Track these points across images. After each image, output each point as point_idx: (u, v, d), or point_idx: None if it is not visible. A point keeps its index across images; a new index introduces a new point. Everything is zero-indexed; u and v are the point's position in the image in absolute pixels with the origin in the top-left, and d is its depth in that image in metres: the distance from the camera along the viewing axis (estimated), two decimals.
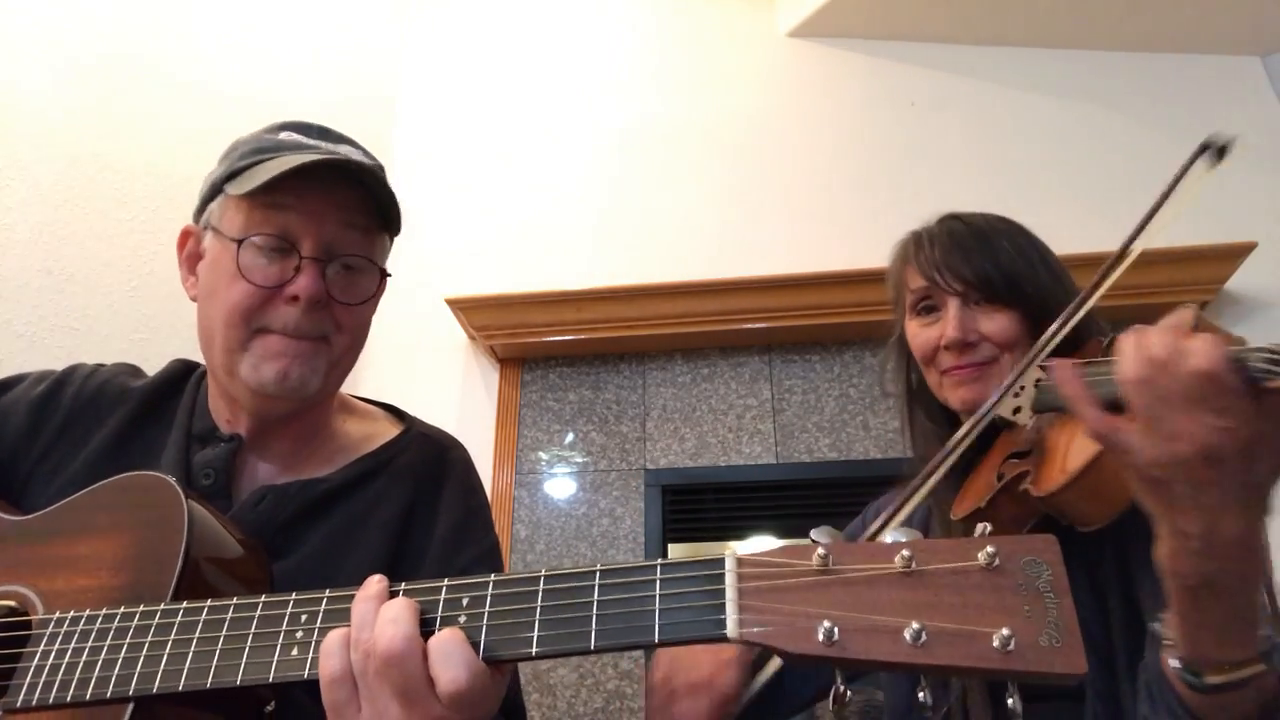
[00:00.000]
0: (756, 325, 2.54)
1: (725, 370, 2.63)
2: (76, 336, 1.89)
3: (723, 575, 0.53)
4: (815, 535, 0.51)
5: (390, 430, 1.04)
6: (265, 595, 0.66)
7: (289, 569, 0.85)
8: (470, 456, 1.08)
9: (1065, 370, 0.72)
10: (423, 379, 2.70)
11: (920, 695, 0.46)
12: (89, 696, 0.66)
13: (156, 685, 0.64)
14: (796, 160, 2.88)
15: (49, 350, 1.81)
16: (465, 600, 0.60)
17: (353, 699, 0.60)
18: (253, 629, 0.64)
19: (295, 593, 0.66)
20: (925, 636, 0.45)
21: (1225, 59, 2.80)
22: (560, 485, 2.56)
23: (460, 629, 0.58)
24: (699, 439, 2.55)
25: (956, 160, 2.77)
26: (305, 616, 0.64)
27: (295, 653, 0.62)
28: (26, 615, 0.75)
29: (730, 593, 0.52)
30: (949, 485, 1.00)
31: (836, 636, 0.47)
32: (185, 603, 0.68)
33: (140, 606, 0.69)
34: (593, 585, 0.57)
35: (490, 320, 2.60)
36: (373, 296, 0.96)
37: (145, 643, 0.66)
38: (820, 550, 0.50)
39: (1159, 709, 0.71)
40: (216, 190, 0.94)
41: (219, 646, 0.64)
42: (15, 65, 1.88)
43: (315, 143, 0.95)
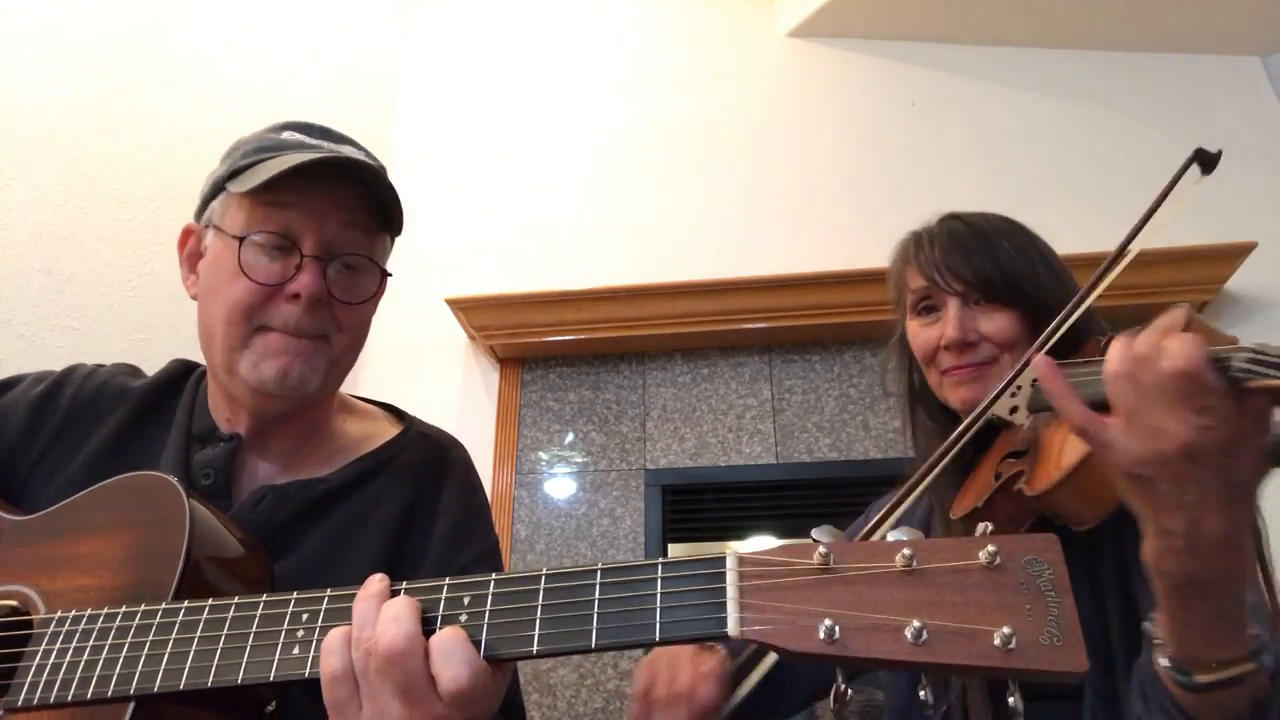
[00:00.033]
0: (756, 325, 2.54)
1: (725, 370, 2.63)
2: (76, 336, 1.89)
3: (724, 574, 0.53)
4: (816, 534, 0.51)
5: (390, 430, 1.04)
6: (266, 595, 0.66)
7: (288, 569, 0.85)
8: (470, 456, 1.08)
9: (1048, 367, 0.73)
10: (423, 379, 2.70)
11: (921, 694, 0.46)
12: (90, 696, 0.66)
13: (158, 684, 0.64)
14: (796, 160, 2.88)
15: (49, 350, 1.81)
16: (467, 599, 0.60)
17: (354, 697, 0.60)
18: (254, 628, 0.64)
19: (296, 592, 0.66)
20: (926, 635, 0.45)
21: (1225, 59, 2.79)
22: (560, 485, 2.56)
23: (462, 628, 0.58)
24: (699, 439, 2.55)
25: (956, 160, 2.78)
26: (306, 615, 0.64)
27: (296, 651, 0.63)
28: (28, 615, 0.75)
29: (731, 591, 0.52)
30: (951, 484, 1.00)
31: (837, 635, 0.47)
32: (186, 602, 0.68)
33: (141, 606, 0.69)
34: (594, 584, 0.57)
35: (490, 320, 2.60)
36: (373, 296, 0.96)
37: (146, 642, 0.66)
38: (821, 549, 0.50)
39: (1152, 708, 0.71)
40: (218, 188, 0.94)
41: (220, 646, 0.64)
42: (15, 65, 1.88)
43: (317, 142, 0.95)
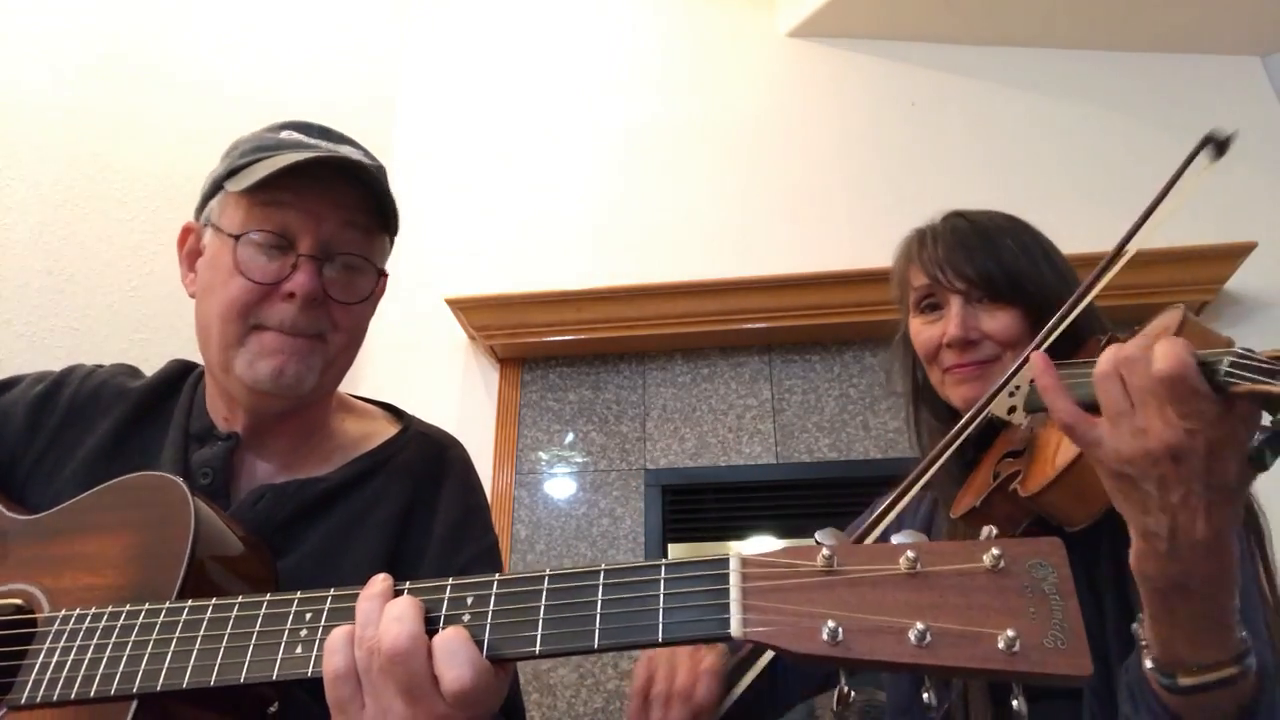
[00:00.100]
0: (756, 325, 2.54)
1: (725, 370, 2.63)
2: (76, 336, 1.89)
3: (727, 575, 0.52)
4: (820, 536, 0.51)
5: (389, 429, 1.04)
6: (270, 594, 0.66)
7: (288, 568, 0.85)
8: (469, 455, 1.08)
9: (1043, 365, 0.73)
10: (423, 379, 2.70)
11: (925, 696, 0.46)
12: (93, 694, 0.66)
13: (160, 683, 0.64)
14: (796, 160, 2.87)
15: (49, 350, 1.81)
16: (469, 599, 0.60)
17: (356, 696, 0.60)
18: (257, 627, 0.65)
19: (299, 592, 0.66)
20: (930, 637, 0.45)
21: (1225, 59, 2.80)
22: (560, 485, 2.56)
23: (464, 627, 0.58)
24: (699, 439, 2.55)
25: (956, 160, 2.77)
26: (310, 615, 0.64)
27: (299, 651, 0.63)
28: (32, 613, 0.75)
29: (734, 592, 0.51)
30: (954, 482, 1.00)
31: (841, 636, 0.47)
32: (190, 601, 0.68)
33: (145, 605, 0.69)
34: (596, 585, 0.57)
35: (490, 320, 2.60)
36: (370, 296, 0.96)
37: (150, 641, 0.67)
38: (825, 551, 0.50)
39: (1140, 709, 0.72)
40: (217, 187, 0.94)
41: (223, 645, 0.64)
42: (15, 65, 1.88)
43: (316, 142, 0.95)
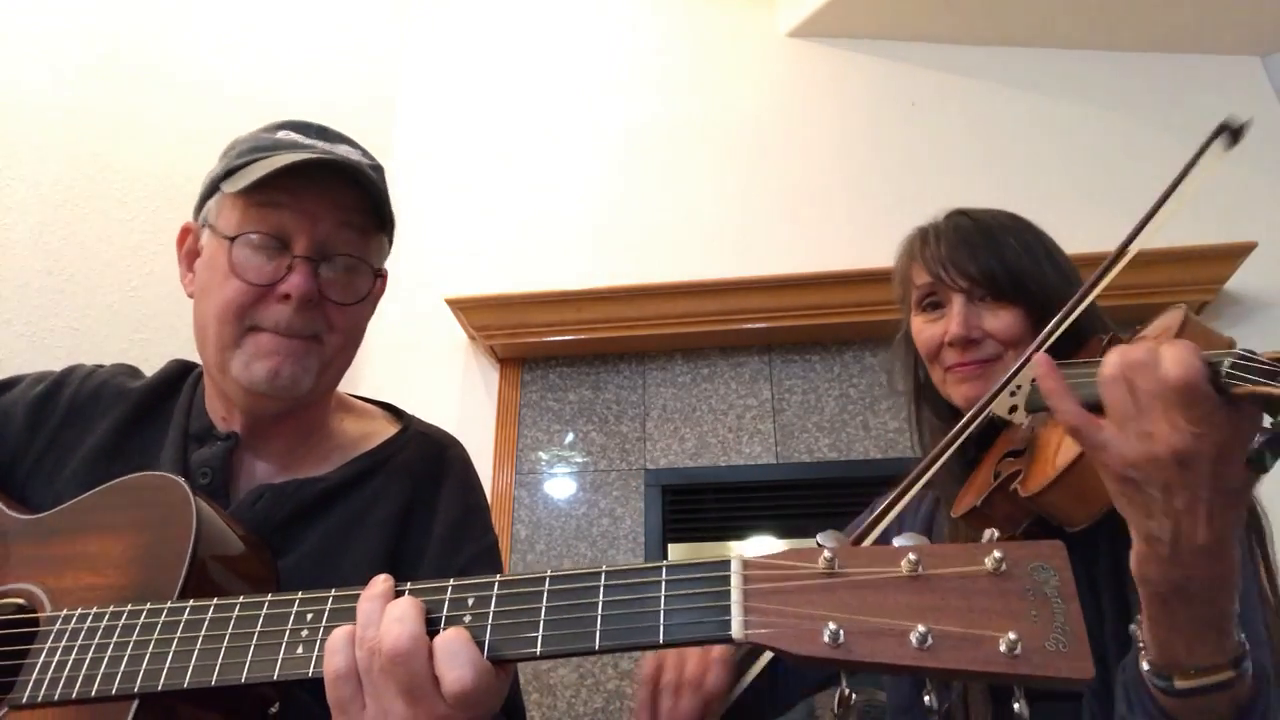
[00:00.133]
0: (756, 325, 2.54)
1: (725, 370, 2.63)
2: (76, 336, 1.89)
3: (728, 577, 0.52)
4: (821, 539, 0.50)
5: (388, 429, 1.04)
6: (271, 594, 0.66)
7: (287, 567, 0.85)
8: (468, 455, 1.08)
9: (1046, 366, 0.72)
10: (423, 379, 2.70)
11: (926, 699, 0.46)
12: (94, 693, 0.66)
13: (161, 683, 0.64)
14: (796, 160, 2.87)
15: (49, 350, 1.81)
16: (470, 600, 0.60)
17: (357, 696, 0.60)
18: (258, 627, 0.65)
19: (301, 592, 0.66)
20: (931, 640, 0.45)
21: (1225, 59, 2.80)
22: (560, 485, 2.56)
23: (465, 628, 0.58)
24: (699, 439, 2.56)
25: (956, 160, 2.77)
26: (311, 615, 0.64)
27: (300, 651, 0.63)
28: (34, 613, 0.76)
29: (736, 594, 0.51)
30: (956, 480, 1.00)
31: (842, 639, 0.47)
32: (191, 601, 0.68)
33: (147, 605, 0.69)
34: (598, 586, 0.56)
35: (490, 320, 2.60)
36: (366, 297, 0.96)
37: (151, 641, 0.67)
38: (826, 553, 0.50)
39: (1135, 709, 0.72)
40: (214, 188, 0.94)
41: (224, 645, 0.64)
42: (15, 65, 1.88)
43: (312, 142, 0.95)
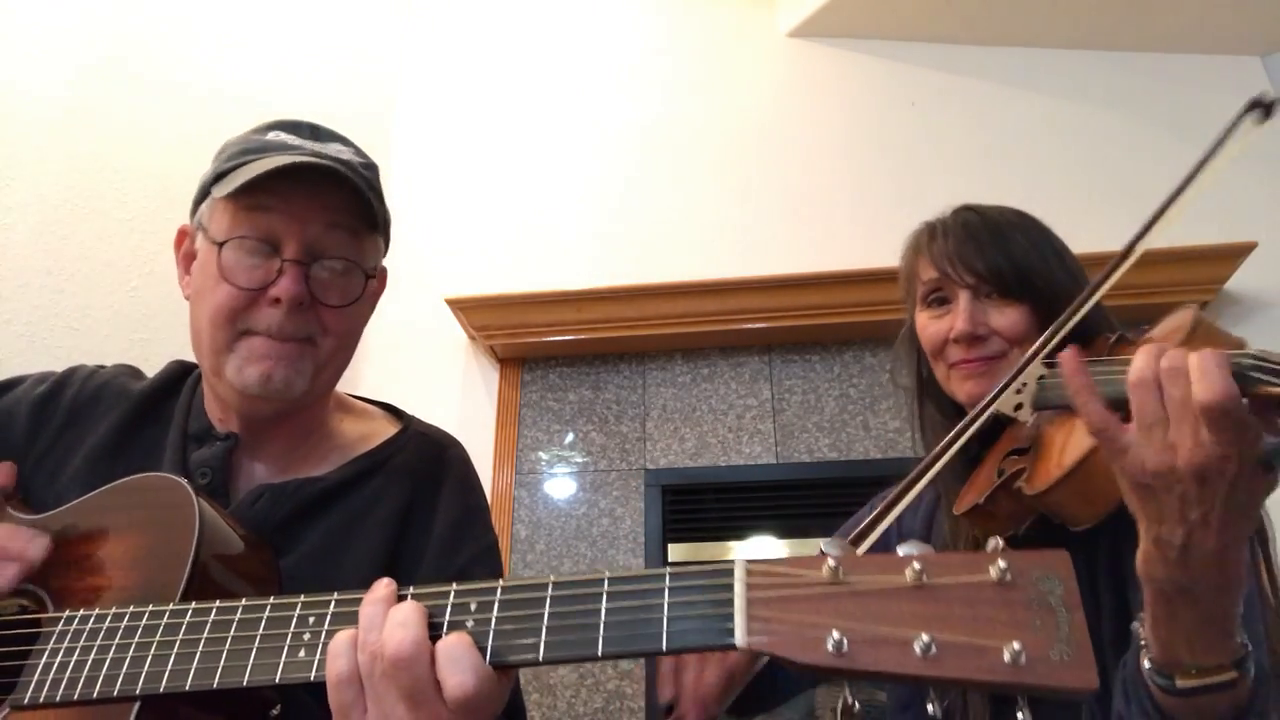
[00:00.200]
0: (756, 325, 2.54)
1: (725, 370, 2.63)
2: (76, 336, 1.88)
3: (732, 585, 0.52)
4: (825, 547, 0.50)
5: (388, 429, 1.04)
6: (273, 597, 0.66)
7: (287, 567, 0.85)
8: (468, 455, 1.08)
9: (1073, 361, 0.72)
10: (423, 379, 2.69)
11: (930, 708, 0.46)
12: (96, 694, 0.66)
13: (163, 685, 0.64)
14: (796, 160, 2.87)
15: (49, 350, 1.81)
16: (473, 605, 0.60)
17: (359, 701, 0.60)
18: (260, 630, 0.64)
19: (303, 595, 0.66)
20: (935, 649, 0.45)
21: (1225, 59, 2.79)
22: (560, 485, 2.56)
23: (468, 633, 0.58)
24: (699, 439, 2.56)
25: (957, 160, 2.77)
26: (313, 618, 0.64)
27: (302, 654, 0.63)
28: (37, 613, 0.76)
29: (739, 602, 0.51)
30: (958, 477, 1.00)
31: (846, 648, 0.47)
32: (194, 603, 0.68)
33: (149, 606, 0.69)
34: (601, 593, 0.56)
35: (490, 320, 2.60)
36: (360, 298, 0.95)
37: (153, 642, 0.67)
38: (830, 562, 0.50)
39: (1133, 706, 0.72)
40: (206, 191, 0.94)
41: (226, 647, 0.64)
42: (15, 65, 1.87)
43: (302, 143, 0.94)
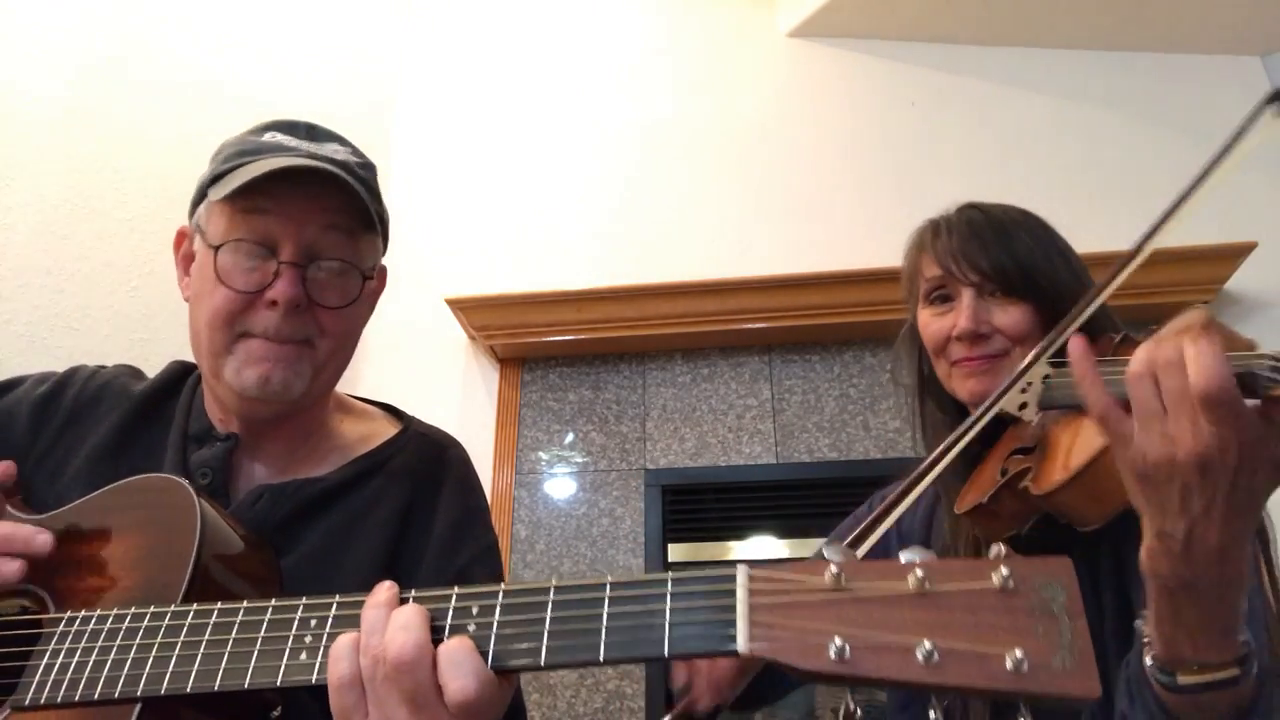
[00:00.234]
0: (756, 325, 2.54)
1: (725, 370, 2.63)
2: (76, 336, 1.88)
3: (734, 590, 0.52)
4: (828, 553, 0.50)
5: (388, 430, 1.04)
6: (275, 599, 0.66)
7: (287, 568, 0.85)
8: (468, 456, 1.08)
9: (1080, 348, 0.72)
10: (423, 379, 2.70)
11: (932, 714, 0.46)
12: (97, 696, 0.66)
13: (165, 686, 0.64)
14: (796, 160, 2.87)
15: (49, 350, 1.81)
16: (475, 609, 0.59)
17: (360, 704, 0.60)
18: (262, 632, 0.64)
19: (305, 597, 0.66)
20: (937, 656, 0.45)
21: (1225, 59, 2.79)
22: (560, 485, 2.56)
23: (470, 637, 0.58)
24: (699, 439, 2.56)
25: (956, 160, 2.77)
26: (314, 621, 0.64)
27: (304, 657, 0.62)
28: (38, 614, 0.76)
29: (741, 608, 0.51)
30: (958, 476, 0.99)
31: (848, 654, 0.47)
32: (195, 605, 0.68)
33: (151, 608, 0.69)
34: (602, 598, 0.56)
35: (490, 320, 2.60)
36: (356, 299, 0.95)
37: (155, 644, 0.66)
38: (833, 568, 0.50)
39: (1136, 705, 0.72)
40: (203, 193, 0.93)
41: (228, 649, 0.64)
42: (15, 65, 1.87)
43: (298, 143, 0.94)
